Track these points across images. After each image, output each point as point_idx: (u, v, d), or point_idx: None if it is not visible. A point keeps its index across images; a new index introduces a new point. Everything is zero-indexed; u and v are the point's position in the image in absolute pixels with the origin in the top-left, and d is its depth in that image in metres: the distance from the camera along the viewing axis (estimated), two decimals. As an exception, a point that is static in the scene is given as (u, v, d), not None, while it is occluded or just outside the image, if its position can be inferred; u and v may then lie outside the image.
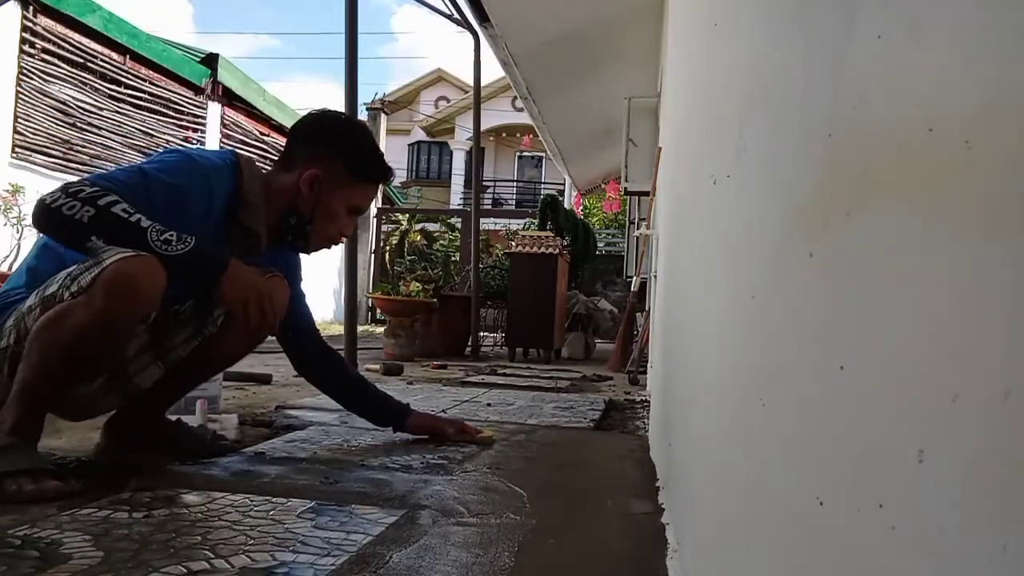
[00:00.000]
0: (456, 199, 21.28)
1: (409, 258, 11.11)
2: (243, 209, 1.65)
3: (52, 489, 1.33)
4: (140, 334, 1.60)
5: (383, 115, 13.76)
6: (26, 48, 5.92)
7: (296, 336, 1.98)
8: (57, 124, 6.25)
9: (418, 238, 12.00)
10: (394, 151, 19.35)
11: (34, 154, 6.01)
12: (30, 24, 5.92)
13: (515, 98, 13.15)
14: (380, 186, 2.01)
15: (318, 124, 1.83)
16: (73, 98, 6.39)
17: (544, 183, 21.05)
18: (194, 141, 8.01)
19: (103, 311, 1.37)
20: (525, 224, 9.50)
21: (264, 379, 3.38)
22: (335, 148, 1.77)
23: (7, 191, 5.18)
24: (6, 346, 1.46)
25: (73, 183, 1.43)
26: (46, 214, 1.39)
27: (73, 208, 1.37)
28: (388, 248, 11.86)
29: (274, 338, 1.91)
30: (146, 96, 7.27)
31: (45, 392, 1.43)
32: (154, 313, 1.49)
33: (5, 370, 1.45)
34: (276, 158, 1.89)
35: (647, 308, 4.83)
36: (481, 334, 6.33)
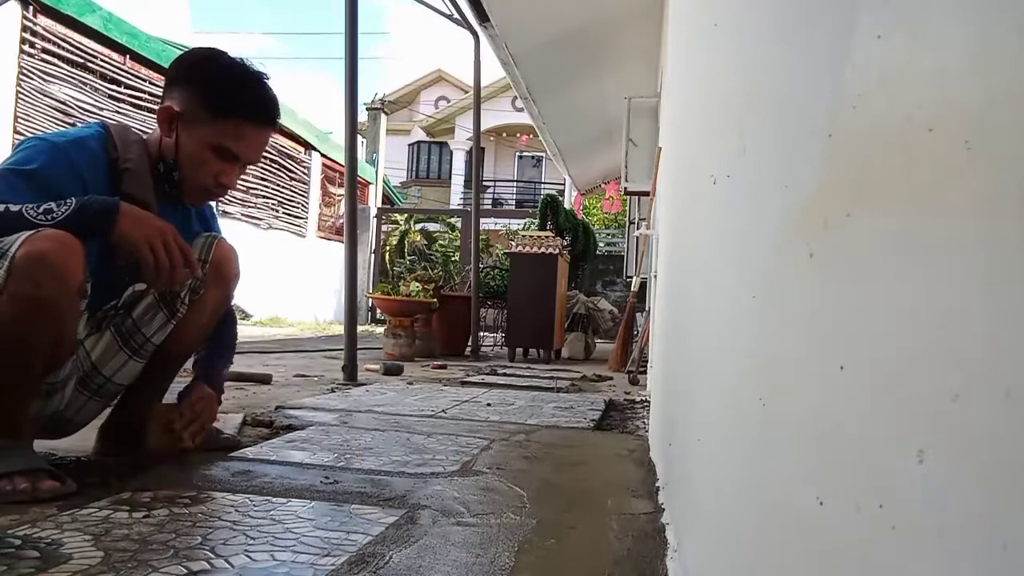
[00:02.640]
0: (456, 199, 21.29)
1: (409, 258, 11.11)
2: (127, 178, 1.56)
3: (48, 489, 1.32)
4: (82, 311, 1.48)
5: (383, 115, 13.77)
6: (26, 48, 5.92)
7: None
8: (57, 124, 6.25)
9: (418, 238, 12.01)
10: (394, 151, 19.37)
11: (34, 154, 6.01)
12: (30, 24, 5.92)
13: (515, 98, 13.15)
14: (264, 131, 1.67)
15: (178, 62, 1.68)
16: (73, 98, 6.39)
17: (544, 183, 21.07)
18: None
19: (33, 300, 1.31)
20: (525, 224, 9.50)
21: (264, 379, 3.38)
22: (191, 81, 1.60)
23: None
24: None
25: None
26: None
27: None
28: (388, 248, 11.86)
29: (268, 331, 1.87)
30: (146, 96, 7.27)
31: (12, 394, 1.39)
32: (88, 283, 1.39)
33: None
34: (276, 160, 1.82)
35: (647, 308, 4.83)
36: (481, 334, 6.33)
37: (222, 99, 1.59)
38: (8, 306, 1.31)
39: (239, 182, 1.68)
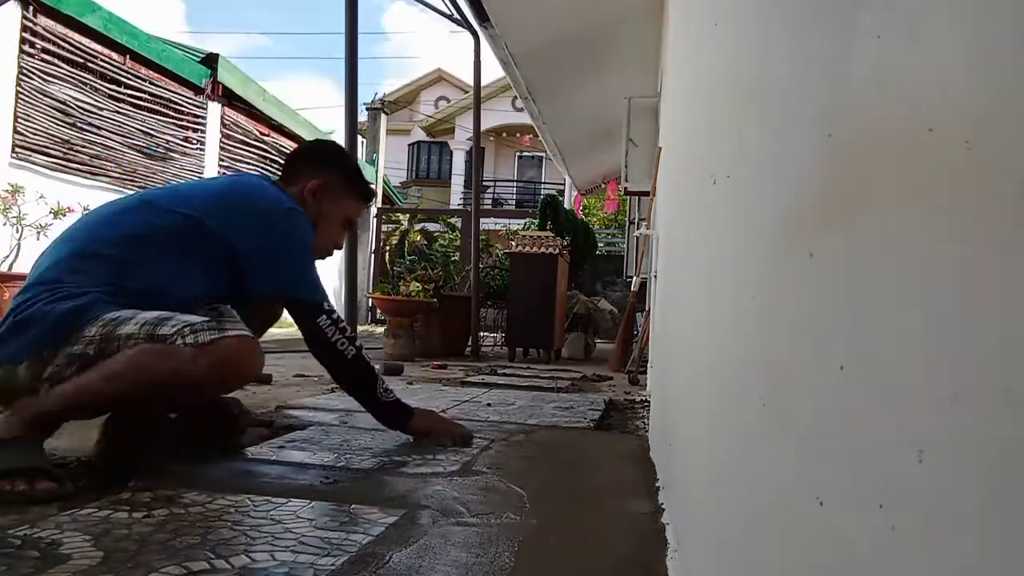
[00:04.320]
0: (456, 199, 21.27)
1: (409, 258, 11.10)
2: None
3: (44, 490, 1.32)
4: None
5: (383, 115, 13.74)
6: (26, 48, 5.91)
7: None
8: (57, 124, 6.24)
9: (418, 238, 11.99)
10: (394, 151, 19.34)
11: (34, 154, 6.01)
12: (30, 24, 5.92)
13: (515, 98, 13.14)
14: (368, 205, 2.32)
15: (318, 144, 2.24)
16: (73, 98, 6.38)
17: (544, 183, 21.05)
18: (194, 141, 8.01)
19: (203, 373, 1.49)
20: (525, 224, 9.49)
21: (264, 379, 3.38)
22: (335, 164, 2.06)
23: (7, 191, 5.18)
24: (82, 353, 1.49)
25: (328, 306, 1.87)
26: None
27: (344, 344, 1.87)
28: (388, 248, 11.85)
29: (267, 331, 2.10)
30: (146, 96, 7.27)
31: (96, 405, 1.52)
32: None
33: (71, 371, 1.48)
34: (277, 160, 2.07)
35: (647, 308, 4.83)
36: (481, 334, 6.33)
37: (360, 184, 2.11)
38: (188, 361, 1.48)
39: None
